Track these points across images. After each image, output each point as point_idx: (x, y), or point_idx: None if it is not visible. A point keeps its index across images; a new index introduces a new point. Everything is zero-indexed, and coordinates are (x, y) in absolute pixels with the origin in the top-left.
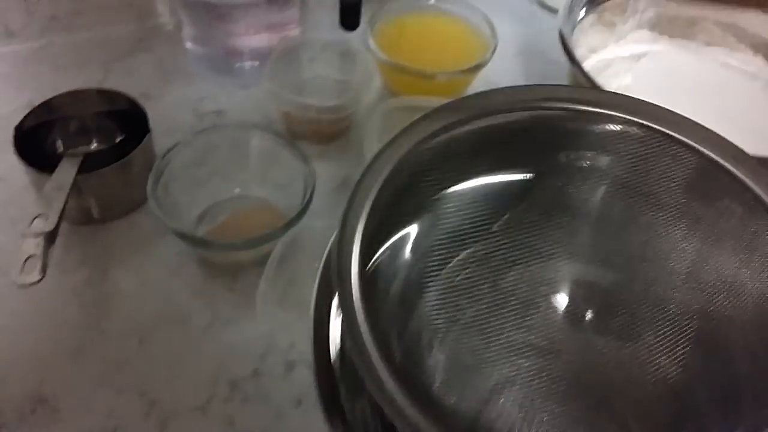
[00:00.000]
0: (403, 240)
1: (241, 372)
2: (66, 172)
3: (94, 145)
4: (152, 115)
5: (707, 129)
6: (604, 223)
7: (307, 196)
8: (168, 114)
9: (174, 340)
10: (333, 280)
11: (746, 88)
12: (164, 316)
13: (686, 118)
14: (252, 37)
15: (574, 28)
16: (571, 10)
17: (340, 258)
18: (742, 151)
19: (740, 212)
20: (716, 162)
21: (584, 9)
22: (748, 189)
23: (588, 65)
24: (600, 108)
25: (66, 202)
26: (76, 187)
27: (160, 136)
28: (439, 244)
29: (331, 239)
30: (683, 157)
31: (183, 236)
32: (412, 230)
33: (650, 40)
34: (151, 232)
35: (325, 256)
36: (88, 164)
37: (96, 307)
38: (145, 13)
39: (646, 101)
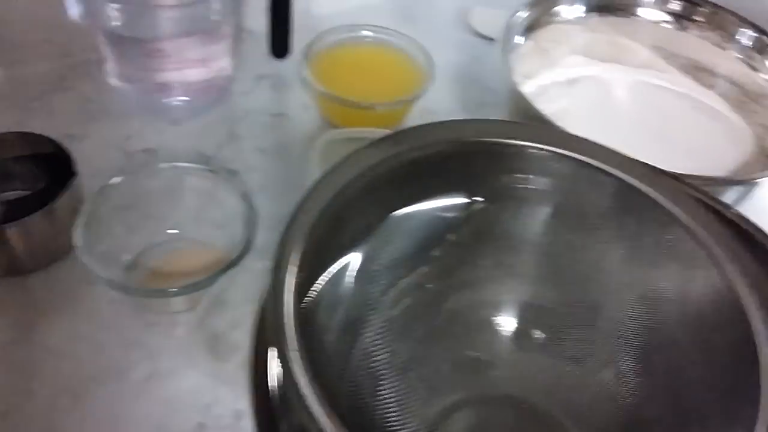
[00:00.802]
0: (344, 269)
1: (184, 427)
2: None
3: (16, 192)
4: (78, 156)
5: (621, 154)
6: (544, 245)
7: (249, 236)
8: (94, 155)
9: (110, 397)
10: (267, 325)
11: (677, 108)
12: (99, 371)
13: (601, 145)
14: (181, 71)
15: (511, 54)
16: (508, 38)
17: (275, 301)
18: (654, 171)
19: (657, 228)
20: (631, 184)
21: (520, 36)
22: (659, 205)
23: (525, 91)
24: (525, 141)
25: None
26: (1, 238)
27: (87, 179)
28: (381, 272)
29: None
30: (603, 181)
31: (114, 285)
32: (353, 258)
33: (583, 65)
34: (81, 280)
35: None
36: (11, 212)
37: (23, 368)
38: (65, 50)
39: (565, 131)
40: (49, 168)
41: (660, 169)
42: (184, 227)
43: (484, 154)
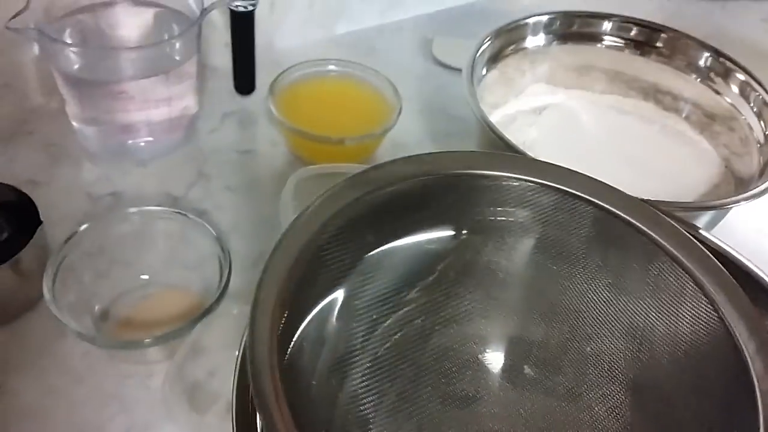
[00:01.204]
0: (327, 310)
1: None
2: None
3: None
4: (42, 203)
5: (599, 181)
6: (530, 277)
7: (224, 280)
8: (59, 200)
9: None
10: (249, 376)
11: (644, 133)
12: (73, 429)
13: (580, 173)
14: (145, 112)
15: (477, 84)
16: (473, 68)
17: (254, 351)
18: (635, 199)
19: (642, 257)
20: (611, 212)
21: (486, 66)
22: (642, 234)
23: (493, 120)
24: (503, 171)
25: None
26: None
27: (52, 226)
28: (365, 311)
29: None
30: (582, 210)
31: (86, 337)
32: (336, 298)
33: (548, 92)
34: (51, 333)
35: (240, 345)
36: None
37: None
38: (24, 94)
39: (542, 161)
40: (13, 217)
41: (640, 198)
42: (156, 272)
43: (462, 187)
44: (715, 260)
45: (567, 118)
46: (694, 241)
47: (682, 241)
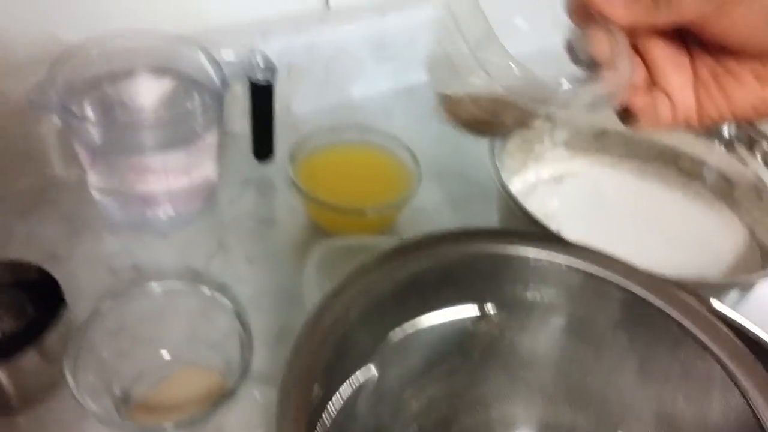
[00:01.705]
0: (354, 390)
1: None
2: None
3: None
4: (63, 277)
5: (626, 263)
6: (556, 359)
7: (245, 359)
8: (80, 274)
9: None
10: None
11: (666, 200)
12: None
13: (608, 255)
14: (166, 182)
15: (498, 151)
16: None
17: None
18: (663, 282)
19: (670, 341)
20: (639, 295)
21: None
22: (670, 319)
23: (514, 189)
24: (532, 251)
25: None
26: None
27: (73, 301)
28: (391, 392)
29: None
30: (609, 292)
31: (107, 421)
32: (362, 379)
33: (567, 158)
34: (73, 416)
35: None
36: None
37: None
38: (45, 165)
39: (567, 241)
40: (36, 297)
41: (669, 280)
42: (177, 349)
43: (489, 265)
44: (744, 347)
45: (587, 187)
46: (722, 327)
47: (711, 326)
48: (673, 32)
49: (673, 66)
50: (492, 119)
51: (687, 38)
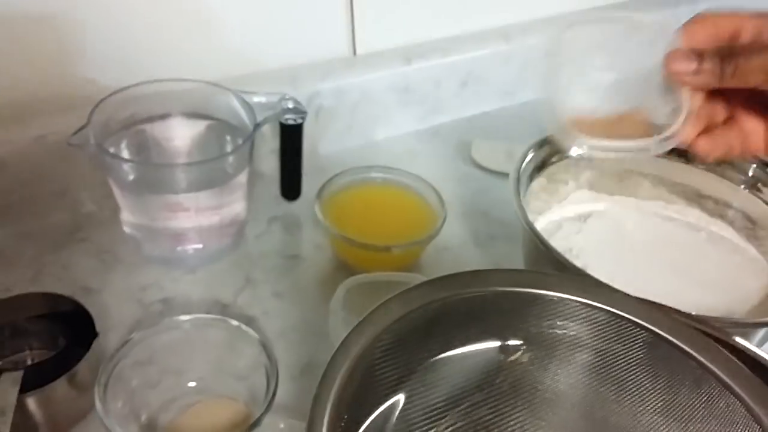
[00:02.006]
0: (380, 422)
1: None
2: (6, 392)
3: (33, 352)
4: (94, 310)
5: (648, 302)
6: (578, 397)
7: (271, 391)
8: (111, 307)
9: None
10: None
11: (690, 240)
12: None
13: (630, 296)
14: (197, 220)
15: (524, 193)
16: (520, 176)
17: None
18: (685, 323)
19: (692, 381)
20: (661, 335)
21: (531, 174)
22: (692, 358)
23: (538, 227)
24: (557, 292)
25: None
26: (20, 409)
27: (104, 333)
28: (416, 424)
29: None
30: (631, 332)
31: None
32: (388, 410)
33: (591, 200)
34: None
35: None
36: (31, 379)
37: None
38: (78, 202)
39: (590, 280)
40: (67, 325)
41: (690, 317)
42: (204, 380)
43: (512, 305)
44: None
45: (612, 226)
46: (743, 366)
47: (732, 366)
48: None
49: (746, 110)
50: None
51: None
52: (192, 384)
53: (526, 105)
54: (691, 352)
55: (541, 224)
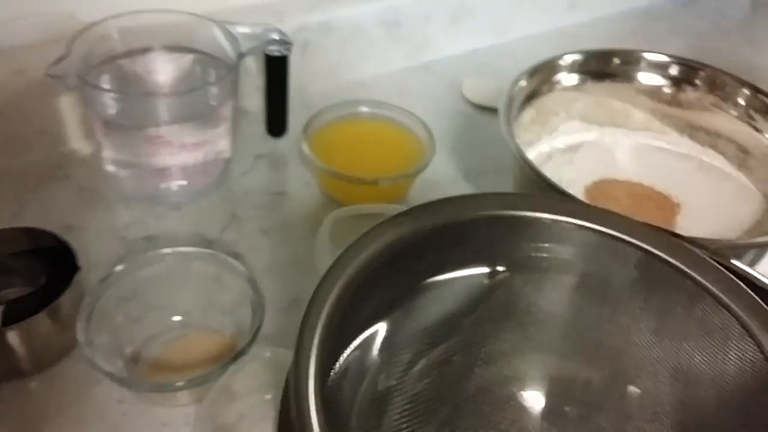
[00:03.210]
0: (367, 343)
1: None
2: None
3: (15, 289)
4: (76, 247)
5: (641, 223)
6: (571, 318)
7: (256, 323)
8: (94, 245)
9: None
10: (291, 409)
11: (683, 169)
12: None
13: (623, 216)
14: (180, 156)
15: (513, 124)
16: (510, 106)
17: (298, 376)
18: (678, 241)
19: (686, 299)
20: (654, 254)
21: (521, 105)
22: (686, 276)
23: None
24: (548, 213)
25: None
26: (1, 343)
27: (86, 269)
28: (405, 346)
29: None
30: (624, 252)
31: (117, 380)
32: (377, 332)
33: (582, 130)
34: (84, 380)
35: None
36: (12, 313)
37: None
38: (59, 140)
39: (585, 203)
40: (49, 262)
41: (684, 238)
42: (189, 314)
43: (502, 226)
44: (761, 302)
45: (603, 156)
46: (739, 282)
47: (727, 283)
48: None
49: None
50: None
51: None
52: (177, 318)
53: (517, 41)
54: (686, 269)
55: (530, 155)
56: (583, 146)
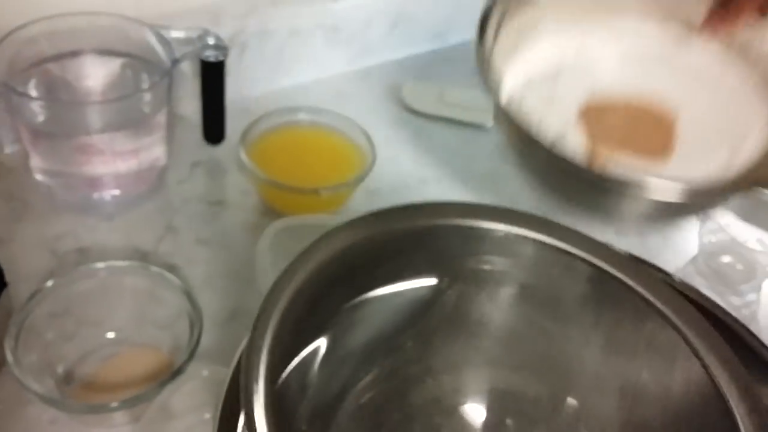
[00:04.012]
0: (309, 358)
1: None
2: None
3: None
4: (4, 261)
5: (594, 240)
6: (518, 331)
7: (194, 339)
8: (22, 258)
9: None
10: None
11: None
12: None
13: (574, 230)
14: (113, 165)
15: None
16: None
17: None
18: (628, 258)
19: (635, 316)
20: (604, 269)
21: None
22: (637, 294)
23: (506, 93)
24: (490, 222)
25: None
26: None
27: (15, 285)
28: (348, 359)
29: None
30: (576, 267)
31: (50, 401)
32: (318, 347)
33: (562, 35)
34: (15, 400)
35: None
36: None
37: None
38: None
39: (534, 215)
40: None
41: (634, 257)
42: (123, 330)
43: (454, 237)
44: (707, 322)
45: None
46: (686, 302)
47: (674, 300)
48: None
49: None
50: None
51: None
52: (111, 335)
53: (457, 47)
54: (636, 287)
55: (508, 86)
56: (564, 73)
